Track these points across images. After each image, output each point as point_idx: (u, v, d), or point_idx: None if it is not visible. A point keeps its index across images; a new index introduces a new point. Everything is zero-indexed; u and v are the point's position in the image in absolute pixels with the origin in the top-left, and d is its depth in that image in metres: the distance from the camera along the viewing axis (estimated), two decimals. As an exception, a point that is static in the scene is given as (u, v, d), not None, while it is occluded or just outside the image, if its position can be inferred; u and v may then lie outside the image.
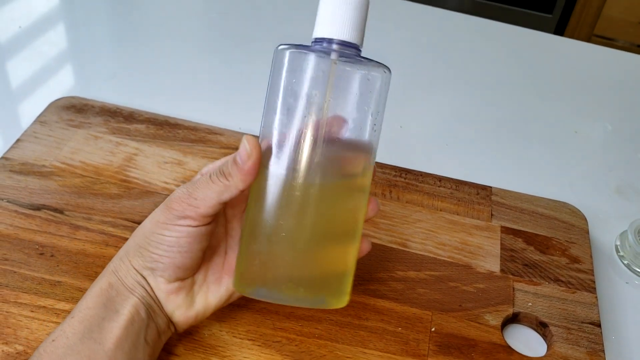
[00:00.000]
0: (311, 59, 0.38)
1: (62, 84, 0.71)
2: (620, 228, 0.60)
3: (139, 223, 0.52)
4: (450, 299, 0.50)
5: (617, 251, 0.58)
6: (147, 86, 0.72)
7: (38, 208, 0.54)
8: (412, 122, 0.71)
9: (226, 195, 0.39)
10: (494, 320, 0.49)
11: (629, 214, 0.62)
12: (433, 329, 0.48)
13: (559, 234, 0.57)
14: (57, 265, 0.49)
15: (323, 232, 0.40)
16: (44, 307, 0.46)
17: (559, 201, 0.60)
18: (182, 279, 0.42)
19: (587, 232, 0.57)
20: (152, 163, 0.59)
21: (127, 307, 0.40)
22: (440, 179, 0.61)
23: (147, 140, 0.61)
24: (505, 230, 0.57)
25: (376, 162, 0.61)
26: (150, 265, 0.41)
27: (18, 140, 0.60)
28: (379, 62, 0.39)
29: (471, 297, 0.51)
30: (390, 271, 0.52)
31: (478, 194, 0.60)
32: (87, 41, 0.78)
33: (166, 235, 0.40)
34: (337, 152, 0.39)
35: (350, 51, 0.38)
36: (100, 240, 0.52)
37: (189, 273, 0.42)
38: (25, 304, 0.46)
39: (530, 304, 0.51)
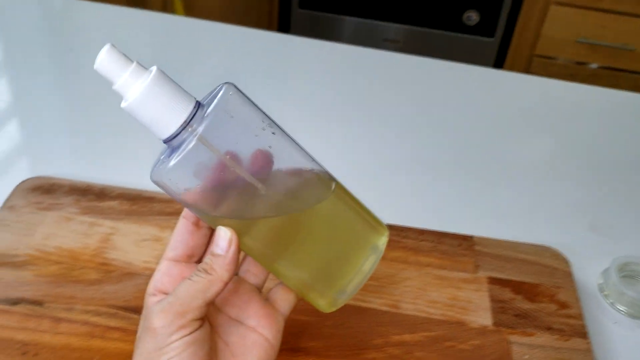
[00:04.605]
0: (186, 152, 0.35)
1: (23, 164, 0.69)
2: (601, 266, 0.61)
3: (123, 309, 0.51)
4: (448, 359, 0.50)
5: (602, 290, 0.59)
6: (114, 157, 0.70)
7: (15, 302, 0.51)
8: (382, 173, 0.71)
9: (212, 291, 0.38)
10: (494, 377, 0.49)
11: (607, 251, 0.63)
12: (436, 394, 0.47)
13: (545, 279, 0.57)
14: (42, 365, 0.47)
15: (335, 226, 0.42)
16: (33, 413, 0.44)
17: (540, 245, 0.61)
18: None
19: (571, 275, 0.58)
20: (130, 242, 0.58)
21: None
22: (422, 232, 0.61)
23: (122, 218, 0.60)
24: (492, 280, 0.57)
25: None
26: None
27: (-14, 229, 0.57)
28: (218, 88, 0.37)
29: (468, 356, 0.50)
30: (385, 336, 0.51)
31: (460, 245, 0.60)
32: (42, 117, 0.77)
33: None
34: (279, 176, 0.39)
35: (196, 116, 0.36)
36: (84, 331, 0.50)
37: None
38: (12, 412, 0.44)
39: (526, 356, 0.51)
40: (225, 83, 0.37)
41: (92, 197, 0.62)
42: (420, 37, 2.13)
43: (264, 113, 0.38)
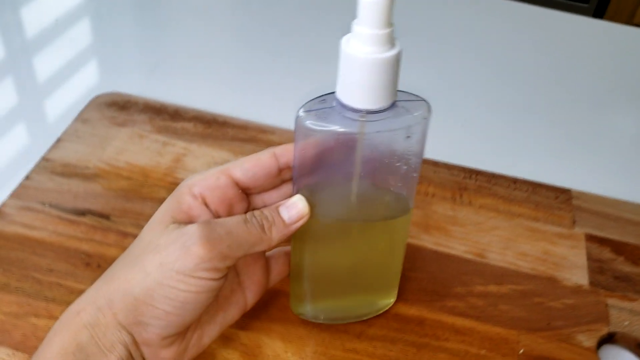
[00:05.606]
0: (338, 132, 0.34)
1: (99, 79, 0.67)
2: None
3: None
4: (537, 316, 0.45)
5: None
6: (189, 80, 0.67)
7: (83, 213, 0.50)
8: (474, 120, 0.66)
9: (256, 249, 0.34)
10: (588, 341, 0.44)
11: None
12: (521, 351, 0.43)
13: (651, 242, 0.52)
14: (105, 277, 0.45)
15: (366, 261, 0.41)
16: (93, 324, 0.42)
17: (647, 206, 0.55)
18: (180, 333, 0.35)
19: (681, 241, 0.52)
20: (202, 164, 0.55)
21: None
22: (515, 180, 0.56)
23: (196, 140, 0.57)
24: (591, 238, 0.51)
25: (444, 163, 0.56)
26: (147, 321, 0.33)
27: (59, 139, 0.56)
28: (416, 98, 0.35)
29: (560, 315, 0.46)
30: (469, 285, 0.47)
31: (557, 197, 0.54)
32: (123, 34, 0.74)
33: (182, 290, 0.32)
34: (375, 194, 0.38)
35: (382, 112, 0.33)
36: (150, 249, 0.47)
37: (190, 326, 0.36)
38: (72, 321, 0.42)
39: (627, 322, 0.45)
40: (426, 101, 0.35)
41: (166, 116, 0.59)
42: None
43: (422, 151, 0.36)
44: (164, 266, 0.32)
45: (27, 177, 0.52)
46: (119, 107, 0.60)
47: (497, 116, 0.66)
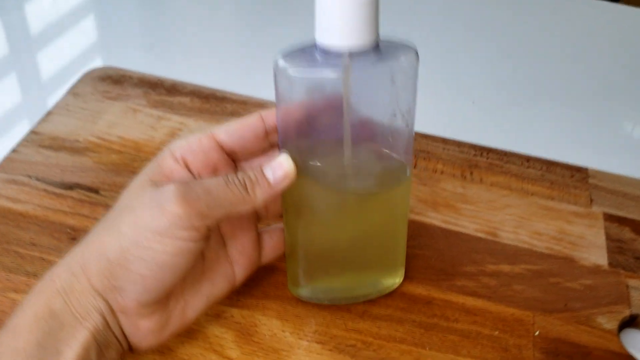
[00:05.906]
0: (321, 78, 0.32)
1: (96, 56, 0.65)
2: None
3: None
4: (553, 297, 0.42)
5: None
6: (188, 58, 0.65)
7: (70, 187, 0.47)
8: (485, 97, 0.63)
9: (238, 209, 0.32)
10: (608, 323, 0.41)
11: None
12: (537, 333, 0.40)
13: (673, 222, 0.48)
14: (92, 253, 0.42)
15: (365, 234, 0.38)
16: (77, 300, 0.39)
17: (669, 185, 0.52)
18: (159, 301, 0.33)
19: None
20: (198, 139, 0.52)
21: (74, 347, 0.30)
22: (528, 158, 0.53)
23: (192, 115, 0.55)
24: (609, 217, 0.48)
25: (453, 140, 0.54)
26: (122, 286, 0.31)
27: (49, 113, 0.53)
28: (402, 45, 0.32)
29: (577, 296, 0.42)
30: (480, 264, 0.44)
31: (573, 176, 0.51)
32: (121, 10, 0.72)
33: (158, 251, 0.30)
34: (370, 157, 0.36)
35: (365, 53, 0.31)
36: (141, 224, 0.45)
37: (170, 293, 0.33)
38: (55, 296, 0.39)
39: (649, 304, 0.42)
40: (411, 47, 0.33)
41: (162, 91, 0.57)
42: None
43: (414, 100, 0.34)
44: (139, 226, 0.31)
45: (14, 150, 0.50)
46: (112, 81, 0.57)
47: (509, 95, 0.63)
